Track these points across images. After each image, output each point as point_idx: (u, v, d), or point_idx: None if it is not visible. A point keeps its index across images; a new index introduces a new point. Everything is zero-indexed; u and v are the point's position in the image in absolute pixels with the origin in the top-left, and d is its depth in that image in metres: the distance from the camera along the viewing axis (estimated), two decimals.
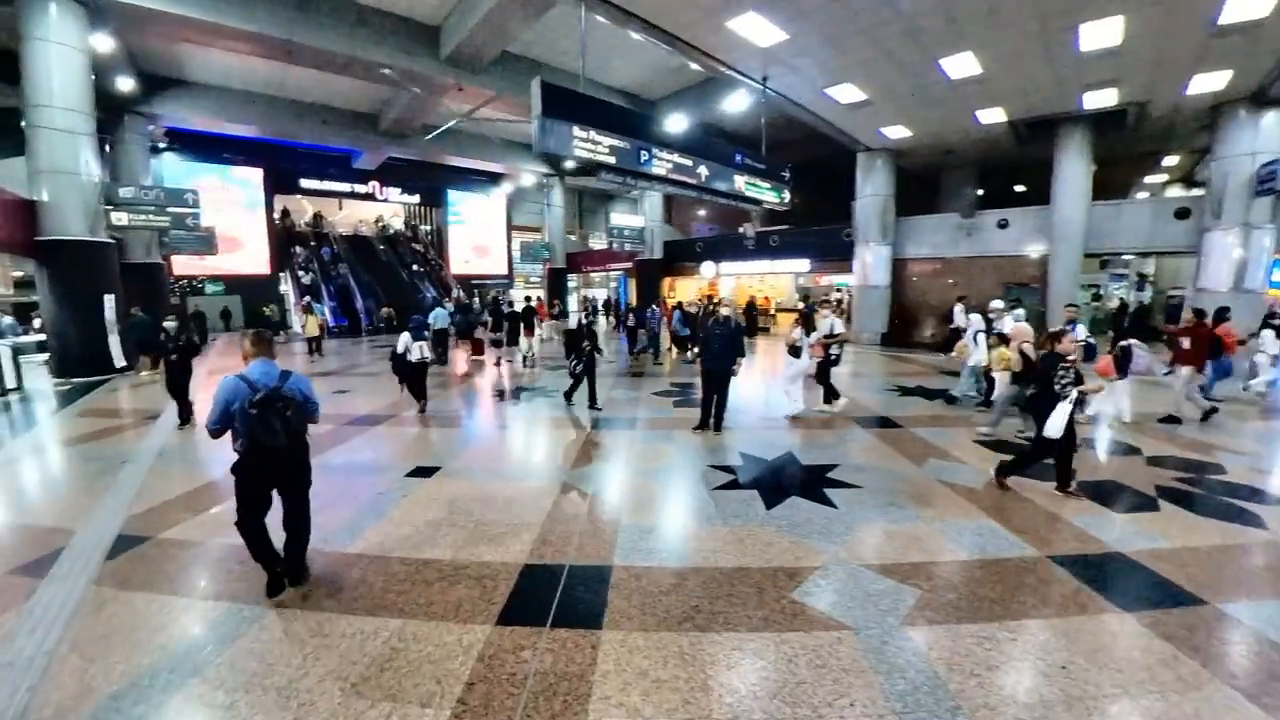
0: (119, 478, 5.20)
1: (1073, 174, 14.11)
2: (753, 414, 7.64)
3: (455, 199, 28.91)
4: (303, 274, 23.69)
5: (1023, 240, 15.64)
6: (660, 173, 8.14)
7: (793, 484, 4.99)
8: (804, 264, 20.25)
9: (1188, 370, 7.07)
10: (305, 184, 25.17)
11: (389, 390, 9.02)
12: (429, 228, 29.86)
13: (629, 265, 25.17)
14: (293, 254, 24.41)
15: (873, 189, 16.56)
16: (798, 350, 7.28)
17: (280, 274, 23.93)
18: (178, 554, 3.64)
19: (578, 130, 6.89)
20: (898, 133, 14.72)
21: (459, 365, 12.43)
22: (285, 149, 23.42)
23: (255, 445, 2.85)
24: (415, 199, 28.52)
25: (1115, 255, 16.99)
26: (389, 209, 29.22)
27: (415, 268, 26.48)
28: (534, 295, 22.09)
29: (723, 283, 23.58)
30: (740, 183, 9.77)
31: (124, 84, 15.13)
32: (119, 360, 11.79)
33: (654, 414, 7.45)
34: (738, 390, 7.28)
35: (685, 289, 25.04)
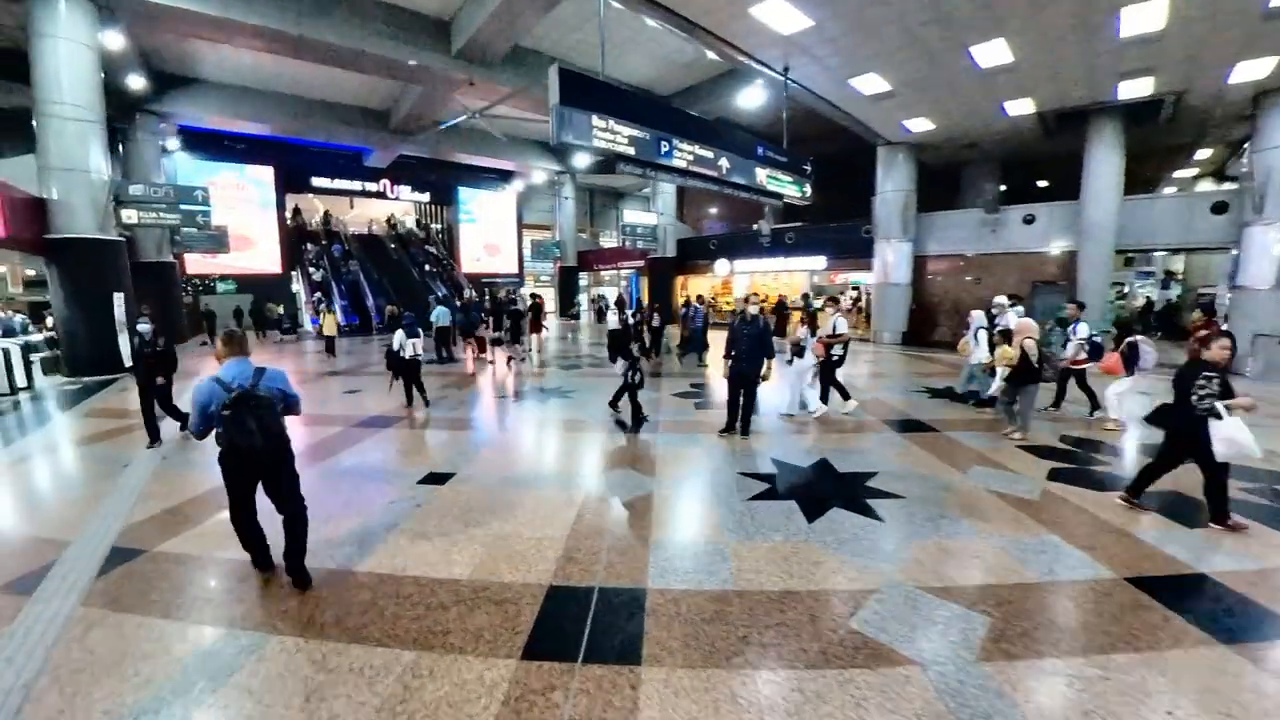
0: (119, 482, 4.97)
1: (1104, 167, 13.58)
2: (771, 415, 7.31)
3: (466, 197, 28.72)
4: (313, 271, 23.58)
5: (1049, 236, 15.13)
6: (681, 165, 7.80)
7: (832, 494, 4.65)
8: (821, 261, 19.79)
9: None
10: (316, 182, 25.06)
11: (400, 389, 8.79)
12: (440, 226, 29.70)
13: (640, 263, 24.83)
14: (304, 251, 24.33)
15: (893, 184, 16.11)
16: (802, 349, 7.06)
17: (292, 272, 23.85)
18: (173, 570, 3.36)
19: (596, 120, 6.56)
20: (921, 125, 14.27)
21: (470, 365, 12.16)
22: (296, 147, 23.32)
23: (232, 446, 2.91)
24: (426, 197, 28.35)
25: (1147, 251, 16.45)
26: (400, 207, 29.08)
27: (426, 266, 26.30)
28: (539, 293, 21.93)
29: (736, 281, 23.16)
30: (762, 176, 9.41)
31: (135, 82, 15.01)
32: (128, 359, 11.63)
33: (676, 416, 7.12)
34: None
35: (697, 287, 24.70)
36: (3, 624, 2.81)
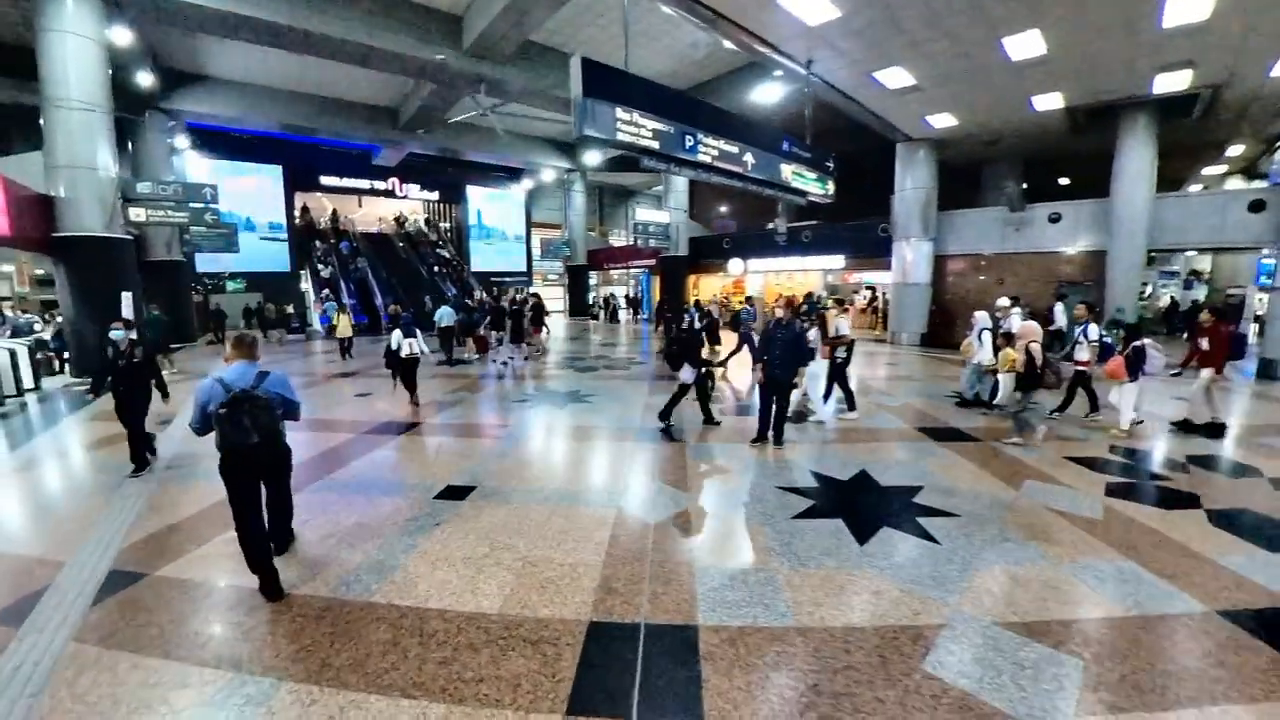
0: (121, 492, 4.71)
1: (1135, 164, 13.13)
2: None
3: (475, 195, 28.49)
4: (322, 268, 23.41)
5: (1077, 235, 14.69)
6: (705, 160, 7.47)
7: (880, 512, 4.32)
8: (838, 260, 19.37)
9: (1208, 372, 6.61)
10: (325, 181, 24.90)
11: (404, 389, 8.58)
12: (448, 225, 29.48)
13: (652, 262, 24.50)
14: (312, 248, 24.19)
15: (913, 181, 15.70)
16: (811, 352, 6.86)
17: (301, 271, 23.69)
18: (175, 598, 3.08)
19: (620, 112, 6.25)
20: (944, 121, 13.87)
21: (479, 366, 11.87)
22: (305, 146, 23.16)
23: (228, 445, 2.96)
24: (435, 195, 28.15)
25: (1178, 251, 15.95)
26: (409, 206, 28.87)
27: (435, 266, 26.07)
28: (537, 292, 21.63)
29: (749, 280, 22.80)
30: (786, 172, 9.08)
31: (144, 79, 14.83)
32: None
33: (700, 424, 6.78)
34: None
35: (710, 287, 24.36)
36: None
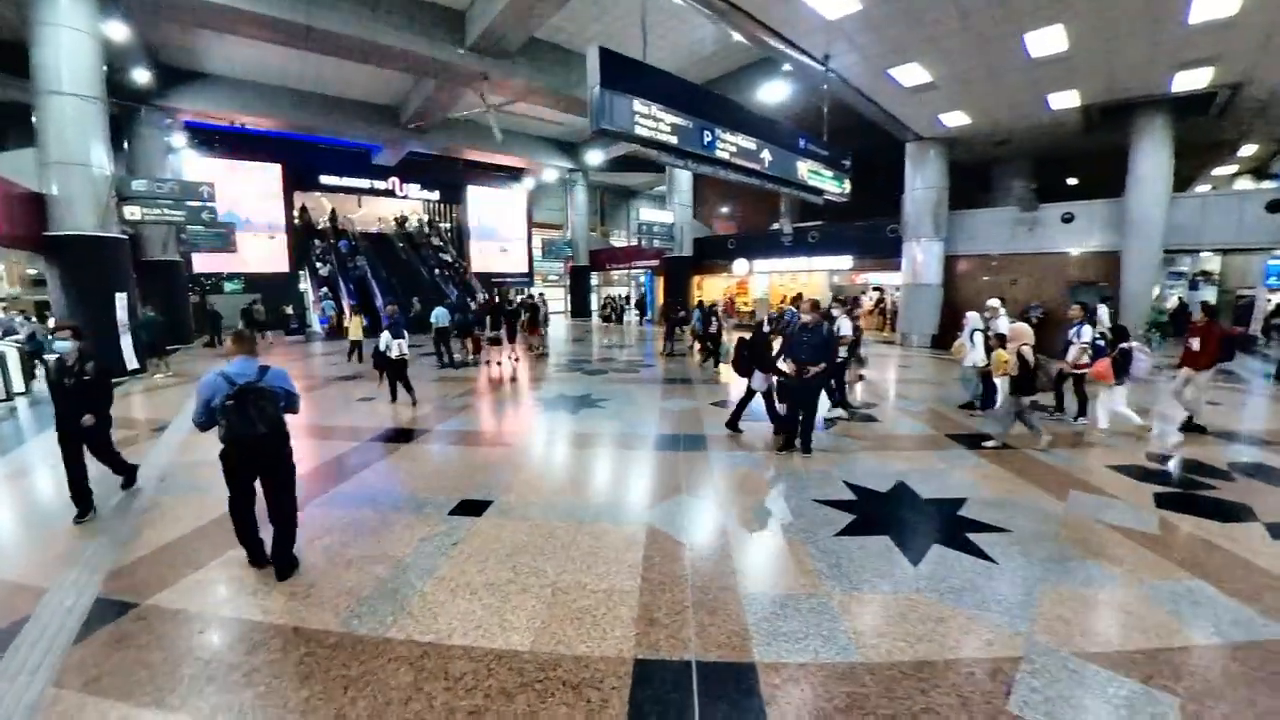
0: (112, 507, 4.40)
1: (1151, 163, 12.91)
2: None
3: (475, 195, 28.16)
4: (320, 265, 23.06)
5: (1090, 236, 14.46)
6: (724, 157, 7.19)
7: (928, 527, 4.04)
8: (846, 261, 19.08)
9: (1205, 375, 6.57)
10: (324, 180, 24.54)
11: (419, 395, 8.33)
12: (449, 225, 29.15)
13: (655, 263, 24.22)
14: (311, 245, 23.87)
15: (924, 181, 15.45)
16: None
17: (300, 271, 23.34)
18: (167, 633, 2.77)
19: (639, 105, 5.97)
20: (956, 120, 13.63)
21: (482, 368, 11.56)
22: (304, 145, 22.83)
23: (234, 436, 3.07)
24: (435, 195, 27.80)
25: (1194, 251, 15.74)
26: (409, 206, 28.53)
27: (435, 266, 25.74)
28: (533, 293, 21.37)
29: (754, 281, 22.53)
30: (803, 170, 8.80)
31: (140, 76, 14.52)
32: (131, 362, 11.12)
33: (722, 430, 6.48)
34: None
35: (713, 288, 24.09)
36: None
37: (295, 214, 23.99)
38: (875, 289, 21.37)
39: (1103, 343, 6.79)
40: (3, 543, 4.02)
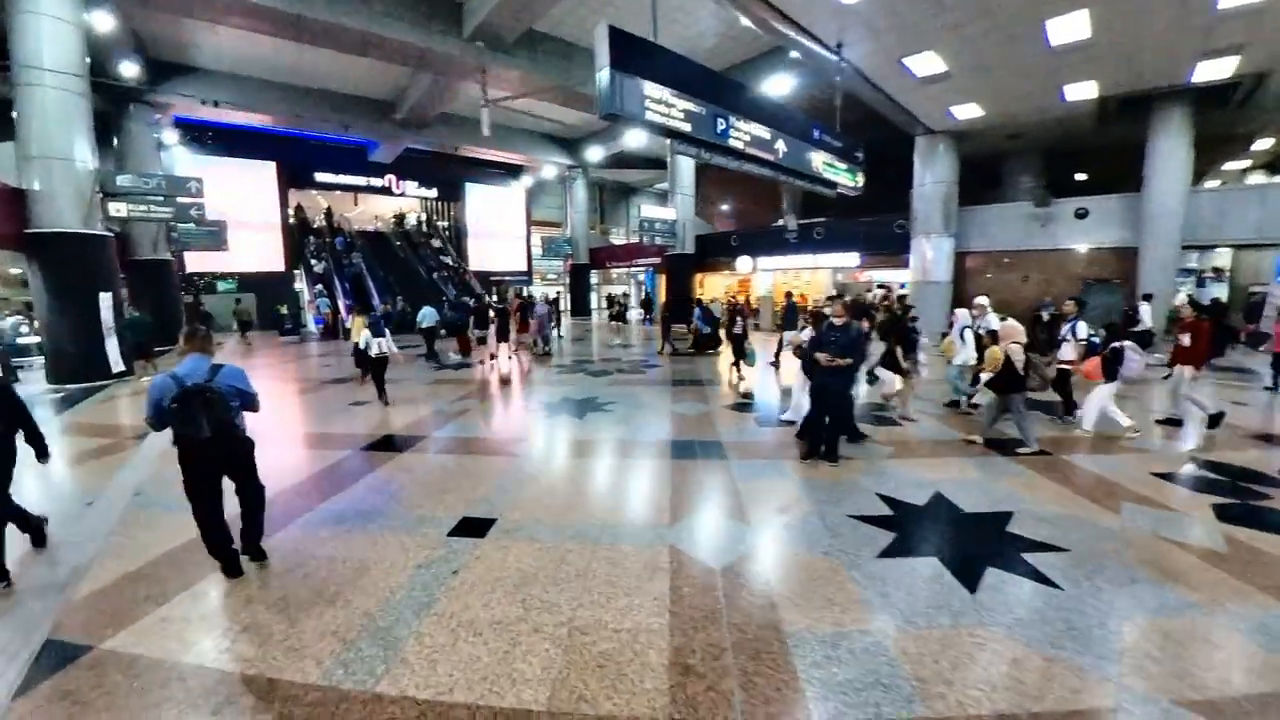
0: (77, 530, 4.00)
1: (1170, 157, 12.60)
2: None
3: (473, 192, 27.74)
4: (315, 262, 22.64)
5: (1105, 231, 14.12)
6: (738, 146, 6.81)
7: (978, 547, 3.66)
8: (853, 258, 18.71)
9: (1190, 370, 6.46)
10: (319, 178, 24.12)
11: (414, 398, 8.03)
12: (446, 223, 28.71)
13: (656, 260, 23.82)
14: (306, 242, 23.44)
15: (934, 176, 15.11)
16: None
17: (295, 270, 22.91)
18: (125, 685, 2.36)
19: (650, 89, 5.59)
20: (968, 112, 13.28)
21: (480, 369, 11.15)
22: (298, 142, 22.42)
23: (181, 437, 2.99)
24: (433, 193, 27.38)
25: (1214, 247, 15.38)
26: (406, 203, 28.11)
27: (433, 265, 25.31)
28: (523, 291, 20.97)
29: (758, 279, 22.13)
30: (817, 162, 8.43)
31: (128, 69, 14.08)
32: (116, 365, 10.69)
33: (740, 437, 6.10)
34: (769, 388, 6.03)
35: (715, 285, 23.71)
36: None
37: (290, 213, 23.57)
38: (880, 286, 20.99)
39: (1097, 340, 6.56)
40: None
